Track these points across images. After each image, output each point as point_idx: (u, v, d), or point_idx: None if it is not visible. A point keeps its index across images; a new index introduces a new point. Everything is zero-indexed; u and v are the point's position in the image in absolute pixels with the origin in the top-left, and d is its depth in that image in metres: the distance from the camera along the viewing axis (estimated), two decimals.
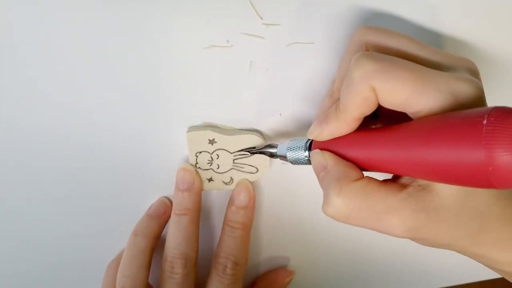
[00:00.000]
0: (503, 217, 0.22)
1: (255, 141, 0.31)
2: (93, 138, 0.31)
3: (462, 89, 0.20)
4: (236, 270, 0.31)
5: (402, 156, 0.20)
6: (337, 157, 0.24)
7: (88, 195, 0.33)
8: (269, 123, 0.32)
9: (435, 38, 0.29)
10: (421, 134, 0.20)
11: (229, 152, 0.31)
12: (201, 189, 0.32)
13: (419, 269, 0.40)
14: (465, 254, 0.24)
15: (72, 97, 0.30)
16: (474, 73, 0.23)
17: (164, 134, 0.31)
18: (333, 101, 0.26)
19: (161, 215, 0.33)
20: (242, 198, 0.32)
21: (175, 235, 0.31)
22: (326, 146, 0.25)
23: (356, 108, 0.22)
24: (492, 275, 0.34)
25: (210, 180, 0.32)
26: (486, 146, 0.16)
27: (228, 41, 0.29)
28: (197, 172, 0.32)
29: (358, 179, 0.22)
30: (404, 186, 0.22)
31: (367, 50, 0.24)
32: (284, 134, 0.32)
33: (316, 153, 0.25)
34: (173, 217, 0.32)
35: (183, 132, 0.31)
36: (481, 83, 0.22)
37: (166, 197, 0.34)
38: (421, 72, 0.20)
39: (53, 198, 0.33)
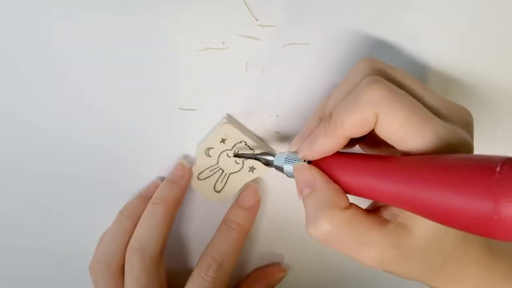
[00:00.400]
0: (464, 256, 0.23)
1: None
2: (94, 136, 0.31)
3: (454, 140, 0.21)
4: (219, 273, 0.31)
5: (399, 190, 0.20)
6: (325, 177, 0.24)
7: (86, 180, 0.33)
8: (266, 124, 0.32)
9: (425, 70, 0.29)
10: (426, 172, 0.19)
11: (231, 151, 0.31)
12: (186, 186, 0.32)
13: None
14: (427, 285, 0.25)
15: (71, 97, 0.30)
16: (469, 123, 0.23)
17: (162, 133, 0.32)
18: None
19: (151, 197, 0.32)
20: (246, 200, 0.32)
21: (144, 223, 0.31)
22: (316, 163, 0.25)
23: (352, 127, 0.22)
24: None
25: (201, 179, 0.32)
26: (495, 194, 0.16)
27: (223, 43, 0.29)
28: (189, 169, 0.32)
29: (346, 208, 0.22)
30: (386, 222, 0.22)
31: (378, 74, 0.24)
32: (282, 135, 0.32)
33: (303, 168, 0.25)
34: (148, 205, 0.32)
35: (180, 131, 0.31)
36: (473, 138, 0.23)
37: (161, 178, 0.33)
38: (425, 113, 0.21)
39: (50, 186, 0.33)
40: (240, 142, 0.31)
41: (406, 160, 0.21)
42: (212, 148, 0.31)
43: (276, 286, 0.38)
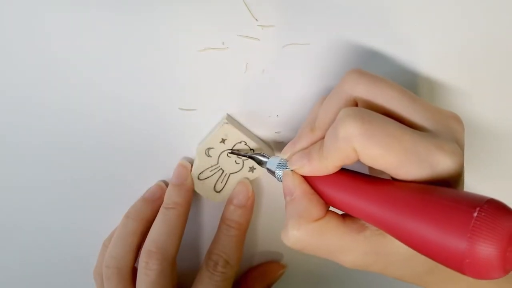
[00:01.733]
0: None
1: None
2: (94, 137, 0.32)
3: (443, 162, 0.21)
4: (227, 269, 0.31)
5: (380, 213, 0.21)
6: (305, 187, 0.25)
7: (86, 182, 0.33)
8: (266, 125, 0.32)
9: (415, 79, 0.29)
10: (408, 201, 0.20)
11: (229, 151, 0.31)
12: (192, 186, 0.32)
13: None
14: (419, 286, 0.25)
15: (71, 97, 0.30)
16: (458, 134, 0.23)
17: (162, 133, 0.32)
18: (313, 137, 0.26)
19: (156, 200, 0.33)
20: (240, 198, 0.32)
21: (159, 227, 0.31)
22: None
23: (338, 161, 0.23)
24: None
25: (201, 179, 0.32)
26: (470, 240, 0.17)
27: (223, 43, 0.29)
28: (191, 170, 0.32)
29: (318, 219, 0.23)
30: (363, 228, 0.23)
31: (356, 102, 0.24)
32: (281, 135, 0.32)
33: (288, 175, 0.26)
34: (161, 210, 0.32)
35: (180, 131, 0.31)
36: (463, 146, 0.23)
37: (164, 181, 0.34)
38: (405, 141, 0.21)
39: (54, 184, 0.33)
40: (240, 143, 0.31)
41: (393, 185, 0.21)
42: (212, 148, 0.31)
43: (275, 283, 0.38)
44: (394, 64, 0.30)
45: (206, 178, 0.32)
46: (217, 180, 0.32)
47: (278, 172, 0.27)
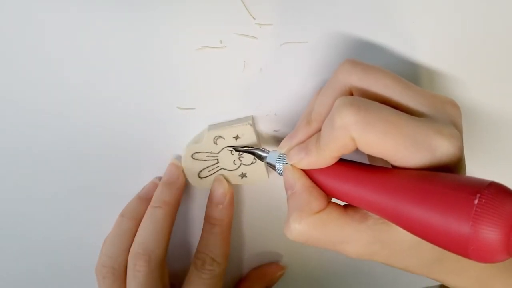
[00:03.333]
0: None
1: (246, 131, 0.30)
2: (92, 136, 0.31)
3: (441, 146, 0.20)
4: (214, 266, 0.31)
5: (382, 202, 0.21)
6: (305, 180, 0.25)
7: (84, 181, 0.33)
8: (264, 123, 0.32)
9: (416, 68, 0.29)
10: (409, 188, 0.20)
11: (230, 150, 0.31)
12: (184, 186, 0.32)
13: None
14: (425, 276, 0.25)
15: (69, 97, 0.30)
16: (456, 118, 0.23)
17: (160, 132, 0.32)
18: (309, 130, 0.26)
19: (150, 198, 0.32)
20: (217, 195, 0.32)
21: (146, 227, 0.31)
22: None
23: (336, 151, 0.23)
24: None
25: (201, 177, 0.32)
26: (473, 225, 0.17)
27: (221, 41, 0.29)
28: (183, 169, 0.32)
29: (319, 211, 0.23)
30: (366, 217, 0.23)
31: (351, 92, 0.24)
32: (280, 133, 0.32)
33: (287, 169, 0.26)
34: (148, 209, 0.32)
35: (178, 130, 0.31)
36: (461, 129, 0.23)
37: (159, 178, 0.33)
38: (402, 126, 0.21)
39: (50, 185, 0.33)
40: (250, 147, 0.31)
41: (393, 173, 0.21)
42: (223, 138, 0.31)
43: (276, 284, 0.38)
44: (393, 62, 0.30)
45: (198, 160, 0.32)
46: (207, 167, 0.32)
47: (278, 166, 0.27)
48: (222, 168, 0.32)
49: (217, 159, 0.32)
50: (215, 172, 0.32)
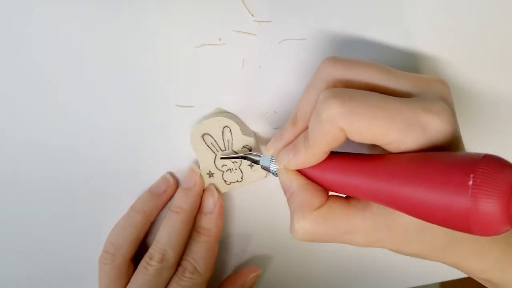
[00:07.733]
0: None
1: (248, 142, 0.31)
2: (92, 135, 0.31)
3: (432, 123, 0.20)
4: (195, 275, 0.31)
5: (379, 188, 0.21)
6: (300, 179, 0.25)
7: (85, 180, 0.33)
8: (264, 121, 0.32)
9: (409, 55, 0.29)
10: (405, 171, 0.20)
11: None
12: (201, 190, 0.32)
13: (403, 266, 0.40)
14: (437, 261, 0.25)
15: (68, 96, 0.30)
16: (444, 94, 0.23)
17: (159, 130, 0.31)
18: (296, 130, 0.26)
19: (161, 193, 0.33)
20: (207, 204, 0.32)
21: (164, 229, 0.32)
22: None
23: (325, 145, 0.22)
24: None
25: (210, 175, 0.32)
26: (471, 199, 0.17)
27: (220, 39, 0.29)
28: (201, 175, 0.32)
29: (320, 206, 0.23)
30: (368, 205, 0.23)
31: (335, 85, 0.24)
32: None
33: (281, 172, 0.26)
34: (168, 213, 0.32)
35: (177, 128, 0.31)
36: (452, 105, 0.22)
37: (170, 174, 0.33)
38: (389, 108, 0.20)
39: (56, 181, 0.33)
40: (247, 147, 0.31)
41: (387, 158, 0.21)
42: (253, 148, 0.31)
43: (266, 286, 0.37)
44: (393, 59, 0.30)
45: (222, 166, 0.32)
46: (228, 169, 0.32)
47: (272, 169, 0.27)
48: (239, 168, 0.32)
49: (238, 162, 0.32)
50: (235, 171, 0.32)
